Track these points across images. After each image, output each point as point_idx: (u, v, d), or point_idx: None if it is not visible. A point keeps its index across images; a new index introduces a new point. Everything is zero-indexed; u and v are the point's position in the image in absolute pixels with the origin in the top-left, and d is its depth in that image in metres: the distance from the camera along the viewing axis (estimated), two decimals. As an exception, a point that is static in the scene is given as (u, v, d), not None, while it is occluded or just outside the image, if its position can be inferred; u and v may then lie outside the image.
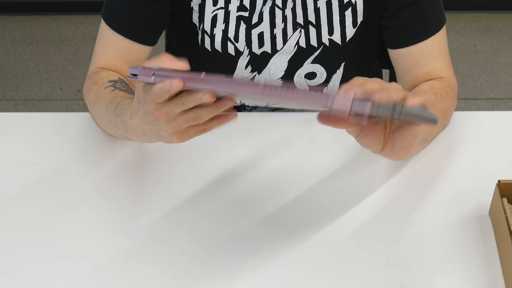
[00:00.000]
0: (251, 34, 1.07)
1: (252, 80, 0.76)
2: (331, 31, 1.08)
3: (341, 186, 0.97)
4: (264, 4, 1.05)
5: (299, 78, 1.13)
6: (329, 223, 0.93)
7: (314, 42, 1.09)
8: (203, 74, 0.71)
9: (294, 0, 1.05)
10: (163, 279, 0.86)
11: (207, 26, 1.07)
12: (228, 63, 1.10)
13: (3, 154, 1.05)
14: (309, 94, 0.71)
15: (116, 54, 1.09)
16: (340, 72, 1.14)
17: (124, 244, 0.91)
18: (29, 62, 2.60)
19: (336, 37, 1.09)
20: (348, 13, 1.07)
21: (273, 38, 1.07)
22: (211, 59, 1.10)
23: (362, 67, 1.20)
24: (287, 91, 0.71)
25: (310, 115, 1.03)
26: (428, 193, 0.97)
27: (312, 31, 1.07)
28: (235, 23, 1.06)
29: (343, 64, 1.13)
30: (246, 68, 1.11)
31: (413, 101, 0.71)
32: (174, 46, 1.21)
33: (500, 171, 0.99)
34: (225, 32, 1.07)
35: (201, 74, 0.71)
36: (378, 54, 1.27)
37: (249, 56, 1.09)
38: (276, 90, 0.71)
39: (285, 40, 1.08)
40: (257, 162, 1.01)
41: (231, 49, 1.08)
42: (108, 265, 0.89)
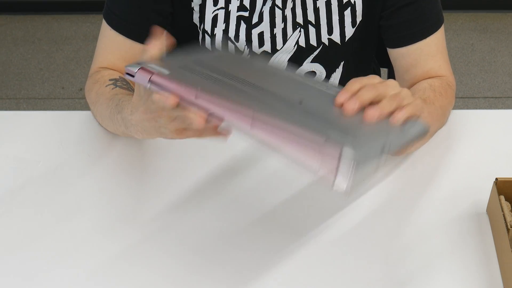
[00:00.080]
0: (251, 34, 1.07)
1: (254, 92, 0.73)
2: (330, 31, 1.08)
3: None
4: (264, 4, 1.05)
5: (299, 77, 1.13)
6: (327, 220, 0.93)
7: (313, 41, 1.09)
8: (198, 92, 0.71)
9: (293, 0, 1.05)
10: (164, 278, 0.86)
11: (207, 26, 1.07)
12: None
13: (5, 152, 1.06)
14: (301, 148, 0.66)
15: (117, 54, 1.09)
16: (339, 71, 1.14)
17: (125, 242, 0.91)
18: (31, 61, 2.60)
19: (336, 36, 1.09)
20: (347, 13, 1.07)
21: (273, 37, 1.08)
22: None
23: (361, 66, 1.20)
24: (279, 131, 0.67)
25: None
26: (426, 191, 0.97)
27: (312, 30, 1.08)
28: (235, 23, 1.06)
29: (342, 63, 1.13)
30: None
31: (400, 115, 0.72)
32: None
33: (497, 169, 0.99)
34: (225, 32, 1.07)
35: (196, 90, 0.71)
36: (376, 54, 1.26)
37: (249, 55, 1.09)
38: (266, 127, 0.67)
39: (285, 40, 1.08)
40: (257, 160, 1.01)
41: (231, 49, 1.08)
42: (108, 263, 0.88)
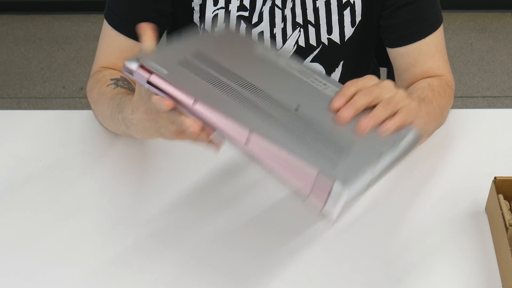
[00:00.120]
0: (251, 33, 1.08)
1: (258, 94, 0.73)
2: (330, 31, 1.09)
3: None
4: (264, 4, 1.05)
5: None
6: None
7: (313, 41, 1.09)
8: (193, 101, 0.70)
9: (293, 0, 1.05)
10: (164, 278, 0.86)
11: (207, 26, 1.07)
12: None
13: (6, 152, 1.06)
14: (292, 175, 0.66)
15: (118, 54, 1.09)
16: (339, 71, 1.14)
17: (126, 241, 0.91)
18: (32, 61, 2.60)
19: (335, 36, 1.09)
20: (347, 12, 1.07)
21: (272, 37, 1.07)
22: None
23: (361, 65, 1.19)
24: (272, 152, 0.67)
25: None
26: (425, 189, 0.97)
27: (311, 30, 1.08)
28: (235, 23, 1.07)
29: (341, 63, 1.13)
30: None
31: (389, 126, 0.73)
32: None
33: (496, 168, 0.99)
34: None
35: (194, 97, 0.70)
36: (376, 53, 1.26)
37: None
38: (259, 147, 0.67)
39: (284, 40, 1.08)
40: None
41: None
42: (109, 262, 0.88)
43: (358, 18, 1.08)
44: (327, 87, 0.76)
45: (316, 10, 1.06)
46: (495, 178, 0.90)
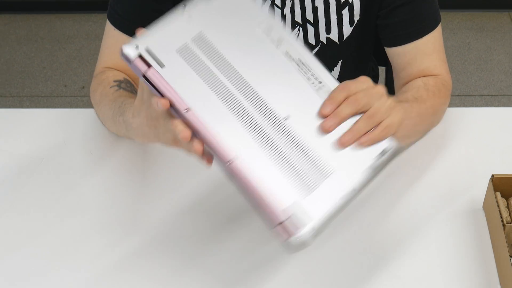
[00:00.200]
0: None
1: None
2: (328, 30, 1.09)
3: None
4: (263, 3, 1.05)
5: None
6: None
7: (312, 40, 1.09)
8: (185, 109, 0.70)
9: (292, -1, 1.06)
10: (164, 276, 0.86)
11: (208, 25, 1.08)
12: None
13: (9, 149, 1.06)
14: (264, 209, 0.70)
15: None
16: (337, 70, 1.15)
17: (127, 240, 0.91)
18: (34, 60, 2.59)
19: (334, 35, 1.09)
20: (345, 12, 1.07)
21: (272, 36, 1.08)
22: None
23: (359, 64, 1.20)
24: (245, 179, 0.69)
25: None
26: (423, 187, 0.98)
27: (310, 29, 1.08)
28: None
29: (340, 62, 1.14)
30: None
31: (365, 140, 0.75)
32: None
33: (493, 166, 0.99)
34: None
35: (185, 106, 0.70)
36: (375, 52, 1.26)
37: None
38: (240, 175, 0.70)
39: (284, 38, 1.09)
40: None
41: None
42: (110, 260, 0.89)
43: (357, 18, 1.08)
44: (322, 87, 0.77)
45: (315, 10, 1.07)
46: (492, 175, 0.90)
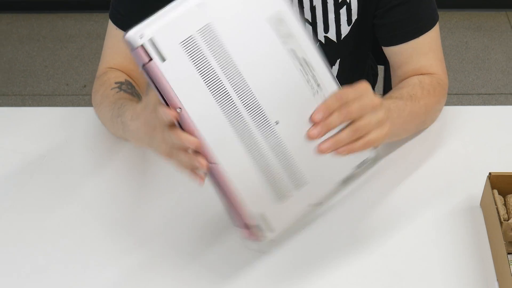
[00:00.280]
0: None
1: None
2: (326, 29, 1.09)
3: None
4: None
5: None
6: (323, 215, 0.93)
7: (310, 39, 1.11)
8: (179, 109, 0.71)
9: (291, -1, 1.07)
10: (165, 276, 0.86)
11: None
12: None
13: (11, 147, 1.07)
14: (235, 213, 0.76)
15: (124, 53, 1.08)
16: (335, 68, 1.15)
17: (128, 238, 0.91)
18: (36, 59, 2.60)
19: (332, 34, 1.09)
20: (343, 11, 1.07)
21: (271, 35, 1.09)
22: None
23: (357, 63, 1.20)
24: (223, 185, 0.75)
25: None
26: (421, 185, 0.98)
27: (308, 28, 1.08)
28: None
29: (338, 60, 1.14)
30: None
31: (343, 151, 0.77)
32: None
33: (490, 163, 1.00)
34: None
35: (179, 106, 0.71)
36: (373, 51, 1.26)
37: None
38: (219, 179, 0.75)
39: (282, 37, 1.09)
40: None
41: None
42: (111, 257, 0.89)
43: (354, 17, 1.08)
44: (319, 90, 0.77)
45: (313, 9, 1.07)
46: (489, 173, 0.90)
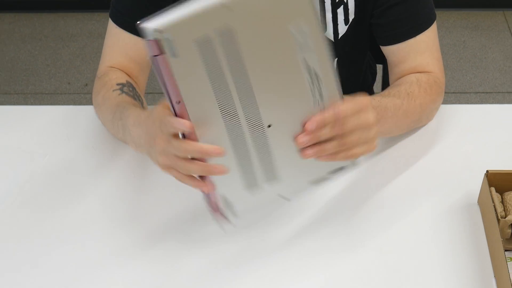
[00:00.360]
0: None
1: None
2: (324, 28, 1.08)
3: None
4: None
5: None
6: (322, 213, 0.94)
7: (307, 38, 1.11)
8: (180, 101, 0.72)
9: (289, -2, 1.07)
10: (165, 276, 0.87)
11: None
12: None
13: (13, 145, 1.07)
14: (210, 202, 0.79)
15: (124, 52, 1.09)
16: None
17: (127, 235, 0.91)
18: (38, 58, 2.60)
19: (329, 33, 1.09)
20: (340, 11, 1.08)
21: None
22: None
23: (354, 62, 1.21)
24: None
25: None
26: (419, 183, 0.99)
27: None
28: None
29: (336, 60, 1.14)
30: None
31: (324, 159, 0.78)
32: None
33: (488, 161, 1.00)
34: None
35: (179, 99, 0.72)
36: (372, 50, 1.26)
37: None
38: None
39: (281, 37, 1.10)
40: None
41: None
42: (112, 255, 0.89)
43: (351, 17, 1.09)
44: (320, 101, 0.76)
45: (311, 8, 1.08)
46: (487, 171, 0.91)
